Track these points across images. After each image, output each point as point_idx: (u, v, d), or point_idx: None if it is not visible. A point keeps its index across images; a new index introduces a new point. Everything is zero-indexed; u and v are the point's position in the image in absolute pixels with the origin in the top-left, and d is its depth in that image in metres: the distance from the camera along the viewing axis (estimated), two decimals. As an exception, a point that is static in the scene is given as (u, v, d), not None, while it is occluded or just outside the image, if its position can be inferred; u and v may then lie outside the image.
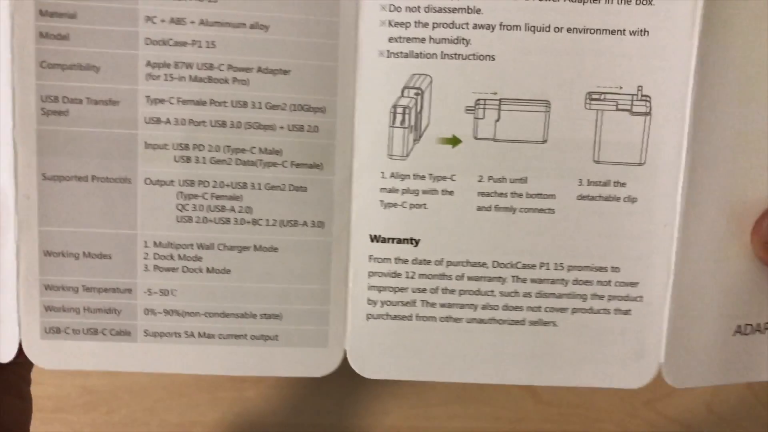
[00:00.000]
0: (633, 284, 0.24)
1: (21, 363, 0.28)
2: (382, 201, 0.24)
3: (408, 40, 0.23)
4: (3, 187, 0.24)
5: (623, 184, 0.24)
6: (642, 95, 0.23)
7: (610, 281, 0.24)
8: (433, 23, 0.23)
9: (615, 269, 0.24)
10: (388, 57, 0.23)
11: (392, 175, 0.24)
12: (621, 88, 0.23)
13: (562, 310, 0.24)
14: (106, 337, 0.24)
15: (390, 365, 0.25)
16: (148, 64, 0.23)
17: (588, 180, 0.24)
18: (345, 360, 0.25)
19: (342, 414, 0.37)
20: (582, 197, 0.24)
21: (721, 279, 0.24)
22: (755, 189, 0.24)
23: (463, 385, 0.37)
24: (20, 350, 0.24)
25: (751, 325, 0.24)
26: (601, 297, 0.24)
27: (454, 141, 0.24)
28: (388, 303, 0.24)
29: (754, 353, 0.25)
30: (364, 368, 0.25)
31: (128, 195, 0.24)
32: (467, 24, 0.23)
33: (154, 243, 0.24)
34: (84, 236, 0.24)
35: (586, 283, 0.24)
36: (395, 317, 0.25)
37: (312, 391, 0.37)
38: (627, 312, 0.24)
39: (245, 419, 0.37)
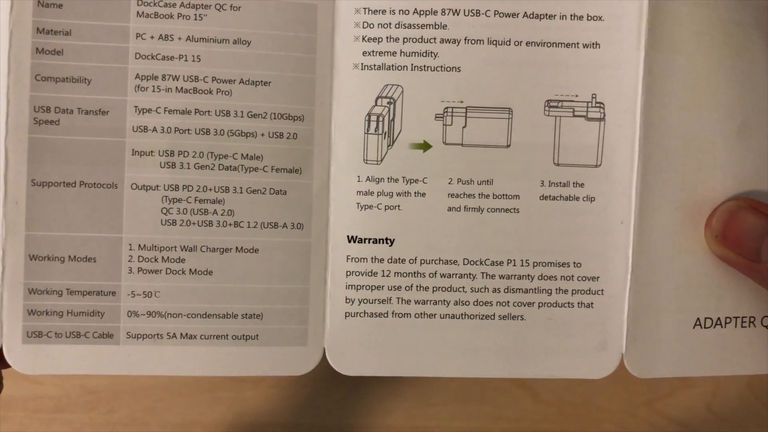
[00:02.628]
0: (594, 278, 0.26)
1: None
2: (358, 203, 0.25)
3: (380, 53, 0.25)
4: (-9, 193, 0.25)
5: (582, 185, 0.25)
6: (596, 102, 0.25)
7: (572, 276, 0.26)
8: (404, 38, 0.25)
9: (577, 264, 0.26)
10: (362, 69, 0.25)
11: (368, 179, 0.25)
12: (577, 96, 0.25)
13: (529, 304, 0.26)
14: (88, 339, 0.25)
15: (367, 362, 0.26)
16: (137, 76, 0.25)
17: (549, 181, 0.25)
18: (324, 358, 0.26)
19: (342, 414, 0.37)
20: (544, 197, 0.25)
21: (677, 273, 0.26)
22: (705, 188, 0.25)
23: (463, 385, 0.37)
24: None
25: (710, 318, 0.26)
26: (565, 291, 0.26)
27: (425, 146, 0.25)
28: (365, 301, 0.26)
29: (716, 347, 0.26)
30: (343, 366, 0.26)
31: (115, 200, 0.25)
32: (435, 39, 0.25)
33: (139, 246, 0.25)
34: (70, 240, 0.25)
35: (551, 278, 0.26)
36: (372, 315, 0.26)
37: (312, 391, 0.37)
38: (590, 305, 0.26)
39: (245, 419, 0.37)
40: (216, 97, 0.25)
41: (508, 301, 0.26)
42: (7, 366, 0.25)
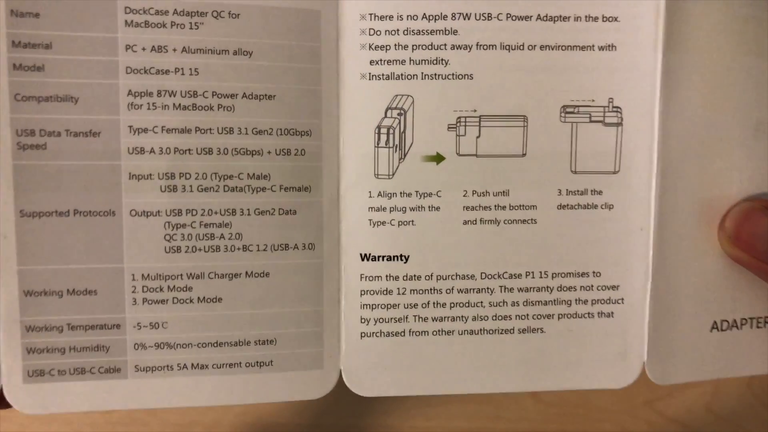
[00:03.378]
0: (614, 287, 0.25)
1: None
2: (370, 220, 0.24)
3: (388, 62, 0.24)
4: (-21, 227, 0.23)
5: (600, 192, 0.25)
6: (613, 107, 0.25)
7: (592, 286, 0.25)
8: (413, 45, 0.24)
9: (596, 274, 0.25)
10: (369, 79, 0.24)
11: (379, 194, 0.24)
12: (593, 100, 0.24)
13: (549, 316, 0.25)
14: (94, 375, 0.24)
15: (385, 382, 0.25)
16: (130, 93, 0.23)
17: (567, 190, 0.25)
18: (340, 379, 0.25)
19: (342, 414, 0.36)
20: (562, 206, 0.25)
21: (695, 277, 0.25)
22: (722, 189, 0.25)
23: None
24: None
25: (726, 321, 0.26)
26: (584, 301, 0.25)
27: (438, 158, 0.24)
28: (381, 320, 0.25)
29: (732, 349, 0.26)
30: (360, 387, 0.25)
31: (113, 228, 0.23)
32: (445, 45, 0.24)
33: (142, 276, 0.23)
34: (67, 273, 0.23)
35: (570, 288, 0.25)
36: (389, 334, 0.25)
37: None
38: (610, 315, 0.25)
39: (245, 419, 0.36)
40: (217, 113, 0.23)
41: (527, 314, 0.25)
42: (8, 406, 0.23)
